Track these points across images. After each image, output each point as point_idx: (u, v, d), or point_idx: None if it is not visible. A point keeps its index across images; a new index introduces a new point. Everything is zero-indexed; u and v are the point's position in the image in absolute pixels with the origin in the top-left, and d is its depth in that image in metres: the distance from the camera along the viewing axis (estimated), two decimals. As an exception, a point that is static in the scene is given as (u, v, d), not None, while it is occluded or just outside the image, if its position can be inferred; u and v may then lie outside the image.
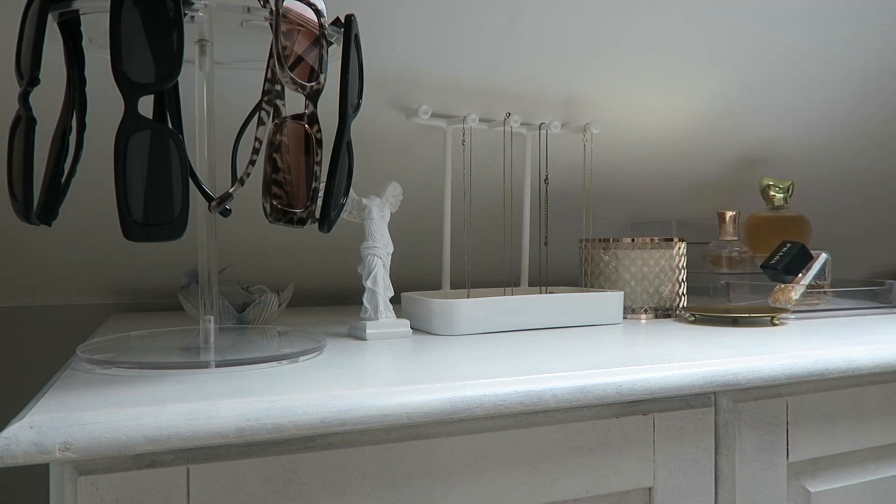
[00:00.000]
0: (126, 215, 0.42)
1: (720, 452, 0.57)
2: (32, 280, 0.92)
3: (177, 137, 0.44)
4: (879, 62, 1.07)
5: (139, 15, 0.42)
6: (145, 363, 0.51)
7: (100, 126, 0.52)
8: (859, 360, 0.60)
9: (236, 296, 0.74)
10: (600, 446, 0.52)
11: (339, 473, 0.44)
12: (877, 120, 1.18)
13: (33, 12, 0.46)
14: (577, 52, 0.89)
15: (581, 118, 0.96)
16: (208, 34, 0.54)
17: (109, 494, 0.39)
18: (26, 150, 0.47)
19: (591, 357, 0.57)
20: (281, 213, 0.49)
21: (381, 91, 0.84)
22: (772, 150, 1.17)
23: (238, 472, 0.42)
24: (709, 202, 1.20)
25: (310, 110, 0.50)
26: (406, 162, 0.93)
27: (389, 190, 0.70)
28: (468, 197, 0.85)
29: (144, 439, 0.38)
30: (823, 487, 0.61)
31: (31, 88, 0.47)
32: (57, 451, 0.37)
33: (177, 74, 0.43)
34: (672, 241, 0.86)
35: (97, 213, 0.78)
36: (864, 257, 1.43)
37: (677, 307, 0.86)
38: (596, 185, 0.99)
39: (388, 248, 0.69)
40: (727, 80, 1.01)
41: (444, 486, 0.47)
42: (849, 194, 1.29)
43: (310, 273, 1.00)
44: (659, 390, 0.52)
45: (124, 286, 0.96)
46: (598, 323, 0.79)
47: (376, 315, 0.67)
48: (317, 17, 0.50)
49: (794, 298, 0.88)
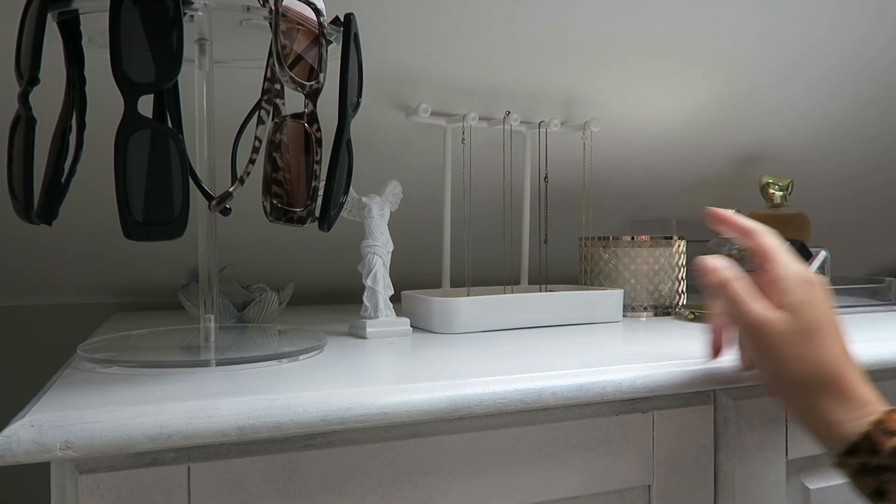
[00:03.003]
0: (126, 214, 0.42)
1: (720, 450, 0.57)
2: (33, 279, 0.92)
3: (177, 137, 0.44)
4: (881, 62, 1.07)
5: (139, 14, 0.42)
6: (146, 362, 0.51)
7: (100, 126, 0.52)
8: (858, 358, 0.60)
9: (236, 295, 0.75)
10: (600, 444, 0.52)
11: (340, 472, 0.44)
12: (877, 119, 1.18)
13: (33, 12, 0.46)
14: (577, 51, 0.89)
15: (581, 116, 0.96)
16: (208, 33, 0.54)
17: (110, 493, 0.39)
18: (26, 149, 0.47)
19: (591, 355, 0.57)
20: (281, 211, 0.49)
21: (380, 90, 0.84)
22: (771, 148, 1.17)
23: (239, 471, 0.42)
24: (708, 200, 1.20)
25: (309, 109, 0.50)
26: (406, 160, 0.93)
27: (389, 188, 0.70)
28: (468, 195, 0.85)
29: (145, 438, 0.38)
30: (823, 485, 0.61)
31: (30, 88, 0.47)
32: (58, 450, 0.37)
33: (177, 74, 0.43)
34: (672, 239, 0.86)
35: (97, 213, 0.78)
36: (863, 255, 1.44)
37: (677, 305, 0.86)
38: (596, 184, 0.99)
39: (388, 247, 0.69)
40: (727, 79, 1.01)
41: (444, 483, 0.47)
42: (848, 192, 1.29)
43: (310, 272, 1.00)
44: (658, 388, 0.52)
45: (125, 285, 0.96)
46: (598, 321, 0.79)
47: (376, 314, 0.68)
48: (316, 16, 0.50)
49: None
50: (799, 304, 0.47)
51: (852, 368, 0.47)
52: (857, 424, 0.45)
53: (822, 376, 0.46)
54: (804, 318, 0.47)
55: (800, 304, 0.47)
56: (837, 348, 0.47)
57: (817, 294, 0.48)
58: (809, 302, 0.48)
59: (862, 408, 0.45)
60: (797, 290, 0.48)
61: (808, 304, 0.47)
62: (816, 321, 0.47)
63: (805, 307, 0.47)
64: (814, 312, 0.47)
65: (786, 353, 0.47)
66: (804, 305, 0.47)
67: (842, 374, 0.46)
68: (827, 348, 0.47)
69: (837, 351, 0.47)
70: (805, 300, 0.48)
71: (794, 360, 0.47)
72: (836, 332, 0.48)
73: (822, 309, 0.48)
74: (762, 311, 0.48)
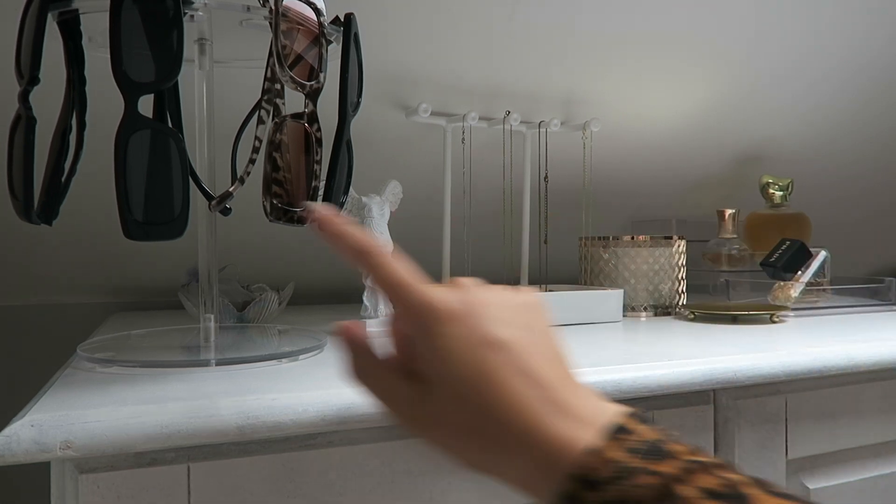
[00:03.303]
0: (126, 214, 0.42)
1: (719, 449, 0.57)
2: (33, 279, 0.92)
3: (177, 136, 0.44)
4: (881, 62, 1.07)
5: (139, 14, 0.42)
6: (146, 362, 0.51)
7: (100, 125, 0.52)
8: (858, 358, 0.60)
9: (236, 294, 0.75)
10: (600, 444, 0.52)
11: (340, 471, 0.44)
12: (877, 119, 1.18)
13: (33, 12, 0.46)
14: (577, 51, 0.89)
15: (581, 116, 0.96)
16: (208, 33, 0.54)
17: (110, 492, 0.39)
18: (26, 149, 0.47)
19: (591, 355, 0.57)
20: (281, 211, 0.49)
21: (380, 89, 0.84)
22: (771, 148, 1.17)
23: (239, 470, 0.42)
24: (708, 200, 1.20)
25: (309, 109, 0.50)
26: (406, 160, 0.93)
27: (389, 188, 0.70)
28: (468, 195, 0.85)
29: (145, 437, 0.38)
30: (822, 484, 0.61)
31: (31, 88, 0.47)
32: (58, 450, 0.37)
33: (177, 73, 0.43)
34: (672, 238, 0.86)
35: (98, 213, 0.78)
36: (863, 255, 1.43)
37: (677, 305, 0.86)
38: (596, 183, 0.99)
39: (388, 247, 0.69)
40: (727, 79, 1.01)
41: (444, 483, 0.47)
42: (848, 192, 1.29)
43: (310, 271, 1.00)
44: (658, 388, 0.52)
45: (125, 285, 0.96)
46: (598, 321, 0.79)
47: (376, 313, 0.68)
48: (316, 16, 0.50)
49: (793, 296, 0.88)
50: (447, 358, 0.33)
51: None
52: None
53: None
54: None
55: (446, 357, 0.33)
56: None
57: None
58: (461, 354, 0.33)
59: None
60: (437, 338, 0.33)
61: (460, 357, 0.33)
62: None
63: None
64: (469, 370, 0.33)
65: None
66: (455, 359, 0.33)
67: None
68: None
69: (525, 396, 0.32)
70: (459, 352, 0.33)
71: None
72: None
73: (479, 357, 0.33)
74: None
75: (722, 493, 0.29)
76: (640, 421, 0.33)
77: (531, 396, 0.32)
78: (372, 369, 0.36)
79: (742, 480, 0.30)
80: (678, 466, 0.30)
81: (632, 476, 0.30)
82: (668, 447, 0.31)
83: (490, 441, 0.33)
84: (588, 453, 0.30)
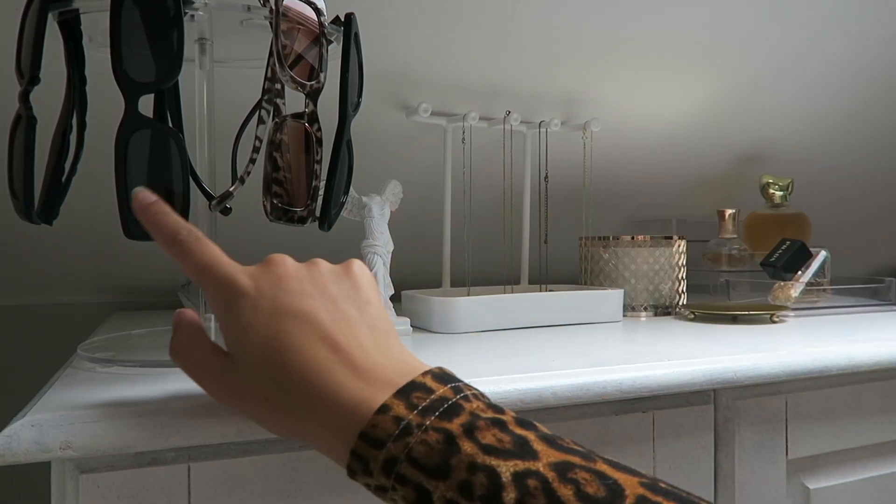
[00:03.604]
0: (127, 214, 0.42)
1: (720, 450, 0.57)
2: (33, 279, 0.92)
3: (177, 136, 0.44)
4: (880, 62, 1.07)
5: (139, 14, 0.42)
6: (146, 361, 0.51)
7: (100, 125, 0.52)
8: (858, 358, 0.60)
9: (236, 294, 0.74)
10: (600, 444, 0.52)
11: (341, 471, 0.44)
12: (877, 119, 1.18)
13: (33, 11, 0.46)
14: (577, 50, 0.89)
15: (581, 116, 0.96)
16: (208, 33, 0.54)
17: (111, 492, 0.39)
18: (27, 149, 0.47)
19: (591, 355, 0.57)
20: (281, 211, 0.49)
21: (381, 89, 0.84)
22: (771, 147, 1.17)
23: (239, 470, 0.42)
24: (708, 200, 1.20)
25: (310, 109, 0.50)
26: (406, 160, 0.93)
27: (389, 188, 0.70)
28: (468, 195, 0.85)
29: (145, 437, 0.38)
30: (823, 484, 0.61)
31: (31, 87, 0.47)
32: (58, 450, 0.37)
33: (177, 73, 0.43)
34: (672, 238, 0.86)
35: (98, 212, 0.78)
36: (863, 255, 1.44)
37: (677, 305, 0.86)
38: (596, 183, 0.99)
39: (389, 247, 0.69)
40: (727, 79, 1.01)
41: (444, 483, 0.47)
42: (848, 192, 1.29)
43: (310, 271, 1.00)
44: (659, 388, 0.52)
45: (125, 285, 0.96)
46: (598, 321, 0.79)
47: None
48: (317, 16, 0.50)
49: (793, 296, 0.88)
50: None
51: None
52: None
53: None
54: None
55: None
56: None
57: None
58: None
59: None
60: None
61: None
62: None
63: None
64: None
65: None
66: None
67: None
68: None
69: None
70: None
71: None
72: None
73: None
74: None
75: (503, 450, 0.30)
76: (441, 381, 0.33)
77: (327, 360, 0.34)
78: (189, 347, 0.38)
79: (531, 438, 0.31)
80: (466, 422, 0.31)
81: (416, 432, 0.30)
82: (466, 405, 0.32)
83: (290, 406, 0.34)
84: (376, 413, 0.31)
